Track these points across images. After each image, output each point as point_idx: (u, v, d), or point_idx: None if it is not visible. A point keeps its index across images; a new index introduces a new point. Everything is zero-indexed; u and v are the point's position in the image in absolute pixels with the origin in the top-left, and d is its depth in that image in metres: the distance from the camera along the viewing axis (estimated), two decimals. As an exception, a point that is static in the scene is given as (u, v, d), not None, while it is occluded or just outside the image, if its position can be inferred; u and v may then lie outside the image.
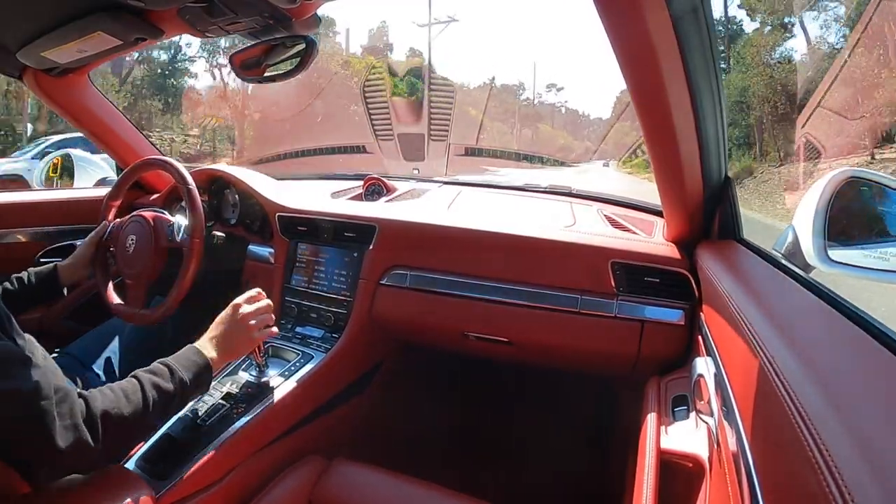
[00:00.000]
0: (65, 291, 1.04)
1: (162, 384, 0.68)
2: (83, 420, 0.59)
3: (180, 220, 1.09)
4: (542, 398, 1.50)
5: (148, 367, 0.71)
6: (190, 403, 0.89)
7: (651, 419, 0.74)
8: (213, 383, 0.93)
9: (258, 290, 0.87)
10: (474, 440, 1.43)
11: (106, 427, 0.60)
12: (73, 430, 0.57)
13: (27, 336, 0.63)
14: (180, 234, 1.07)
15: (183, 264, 1.04)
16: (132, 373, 0.69)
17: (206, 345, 0.77)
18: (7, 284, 0.95)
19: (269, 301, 0.86)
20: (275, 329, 0.87)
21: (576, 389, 1.44)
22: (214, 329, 0.80)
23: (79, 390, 0.62)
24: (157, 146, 1.50)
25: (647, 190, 0.91)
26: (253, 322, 0.83)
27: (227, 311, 0.82)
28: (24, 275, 0.97)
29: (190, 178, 1.02)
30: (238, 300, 0.83)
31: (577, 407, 1.48)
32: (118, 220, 1.12)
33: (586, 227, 1.12)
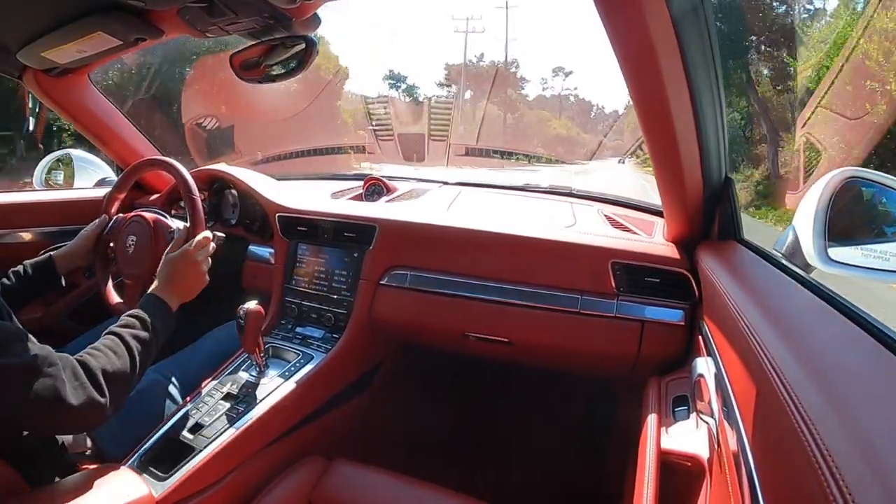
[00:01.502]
0: (62, 281, 1.03)
1: (139, 334, 0.75)
2: (87, 379, 0.64)
3: (181, 227, 1.09)
4: (542, 399, 1.50)
5: (120, 322, 0.76)
6: (188, 399, 0.91)
7: (651, 419, 0.74)
8: (213, 384, 0.95)
9: (205, 234, 0.94)
10: (474, 440, 1.43)
11: (106, 382, 0.66)
12: (82, 388, 0.63)
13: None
14: None
15: None
16: (107, 329, 0.74)
17: (162, 290, 0.84)
18: (4, 280, 0.95)
19: (213, 245, 0.95)
20: (211, 247, 0.95)
21: (575, 390, 1.44)
22: (168, 274, 0.87)
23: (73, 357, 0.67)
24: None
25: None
26: (204, 268, 0.91)
27: (178, 256, 0.89)
28: (19, 268, 0.97)
29: (193, 185, 1.01)
30: (188, 248, 0.90)
31: (576, 407, 1.48)
32: (120, 215, 1.12)
33: (586, 227, 1.12)
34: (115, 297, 1.07)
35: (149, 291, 0.84)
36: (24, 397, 0.59)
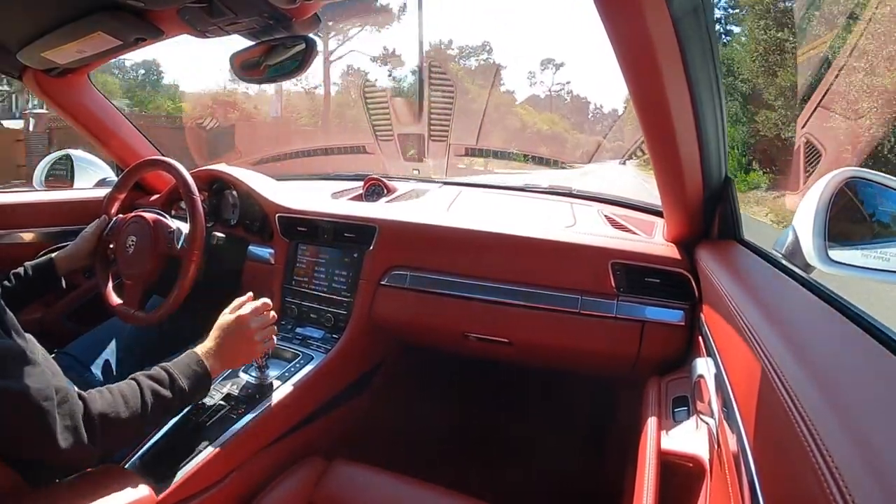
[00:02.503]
0: (63, 282, 1.03)
1: (161, 391, 0.69)
2: (82, 421, 0.60)
3: (181, 227, 1.09)
4: (542, 399, 1.50)
5: (148, 372, 0.71)
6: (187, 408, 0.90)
7: (651, 420, 0.74)
8: (213, 385, 0.94)
9: (265, 300, 0.86)
10: (474, 441, 1.43)
11: (104, 429, 0.62)
12: (74, 431, 0.58)
13: (28, 336, 0.63)
14: (179, 243, 1.07)
15: (181, 272, 1.04)
16: (132, 375, 0.70)
17: (207, 352, 0.78)
18: (5, 282, 0.95)
19: (274, 314, 0.87)
20: (274, 340, 0.88)
21: (575, 390, 1.44)
22: (217, 337, 0.80)
23: (78, 391, 0.63)
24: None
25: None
26: (258, 337, 0.83)
27: (232, 321, 0.81)
28: (20, 270, 0.97)
29: (193, 185, 1.01)
30: (245, 312, 0.82)
31: (576, 407, 1.48)
32: (120, 216, 1.12)
33: (586, 227, 1.12)
34: (115, 299, 1.07)
35: (195, 349, 0.78)
36: (13, 426, 0.56)
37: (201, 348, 0.78)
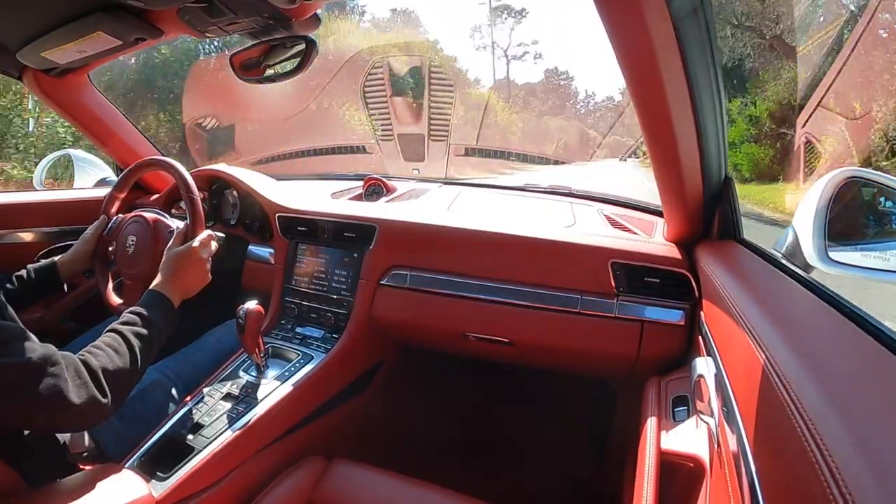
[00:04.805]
0: (65, 287, 1.04)
1: (140, 331, 0.75)
2: (90, 377, 0.65)
3: (181, 227, 1.08)
4: (542, 398, 1.50)
5: (121, 319, 0.76)
6: (188, 399, 0.91)
7: (651, 420, 0.74)
8: (213, 384, 0.95)
9: (209, 232, 0.95)
10: (474, 440, 1.43)
11: (108, 381, 0.67)
12: (85, 387, 0.64)
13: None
14: None
15: None
16: (109, 326, 0.74)
17: (163, 287, 0.84)
18: (7, 285, 0.95)
19: (215, 244, 0.96)
20: (214, 245, 0.96)
21: (575, 390, 1.45)
22: (170, 271, 0.86)
23: (75, 355, 0.67)
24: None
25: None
26: (207, 266, 0.92)
27: (184, 254, 0.89)
28: (23, 272, 0.98)
29: (193, 186, 1.01)
30: (196, 244, 0.91)
31: (576, 407, 1.48)
32: (120, 215, 1.12)
33: (586, 227, 1.12)
34: (115, 299, 1.07)
35: (150, 287, 0.84)
36: (26, 396, 0.59)
37: (157, 285, 0.84)
